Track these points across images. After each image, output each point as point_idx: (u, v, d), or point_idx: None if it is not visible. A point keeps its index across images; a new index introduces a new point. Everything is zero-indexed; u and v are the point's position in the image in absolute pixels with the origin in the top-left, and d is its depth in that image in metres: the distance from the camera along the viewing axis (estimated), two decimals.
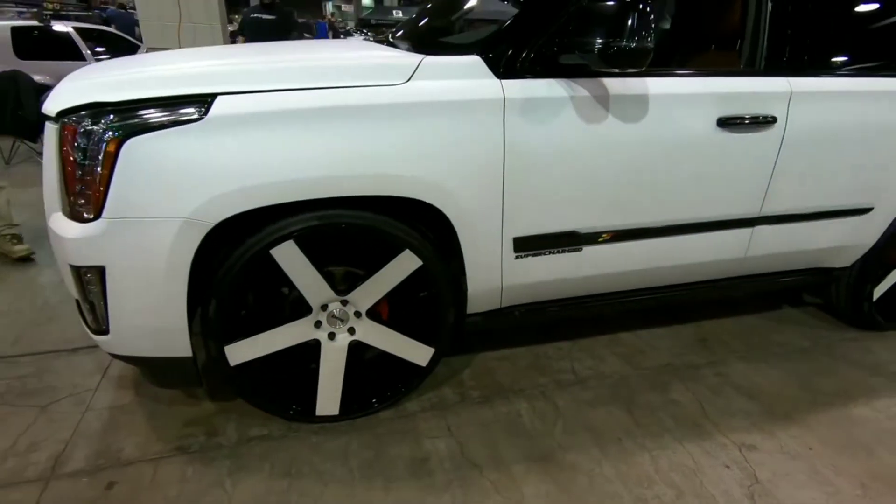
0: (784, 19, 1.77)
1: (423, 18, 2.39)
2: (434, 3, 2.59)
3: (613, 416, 1.85)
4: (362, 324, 1.65)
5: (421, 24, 2.31)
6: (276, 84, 1.35)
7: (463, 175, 1.49)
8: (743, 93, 1.72)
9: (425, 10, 2.49)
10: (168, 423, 1.71)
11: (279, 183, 1.34)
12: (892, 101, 1.91)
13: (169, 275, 1.36)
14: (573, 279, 1.81)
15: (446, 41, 1.84)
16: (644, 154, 1.66)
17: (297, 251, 1.44)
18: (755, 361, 2.23)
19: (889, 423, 1.90)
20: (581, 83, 1.55)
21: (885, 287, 2.37)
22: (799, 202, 1.95)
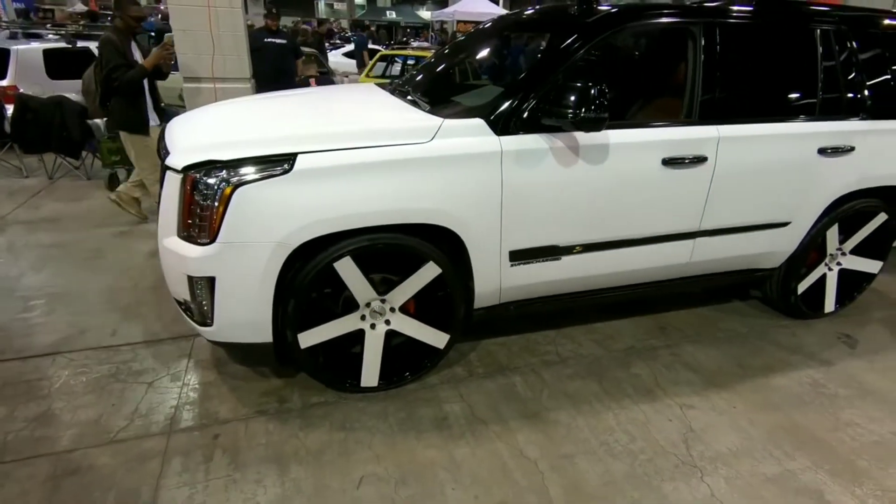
0: (712, 81, 2.31)
1: (434, 76, 2.93)
2: (442, 62, 3.11)
3: (587, 386, 2.40)
4: (396, 317, 2.19)
5: (433, 83, 2.86)
6: (340, 144, 1.88)
7: (471, 206, 2.03)
8: (681, 139, 2.27)
9: (435, 69, 3.02)
10: (247, 394, 2.24)
11: (342, 217, 1.87)
12: (797, 141, 2.47)
13: (262, 282, 1.89)
14: (554, 281, 2.36)
15: (457, 101, 2.36)
16: (606, 187, 2.21)
17: (352, 264, 1.98)
18: (703, 344, 2.79)
19: (798, 389, 2.47)
20: (558, 137, 2.09)
21: (807, 283, 2.94)
22: (729, 219, 2.51)
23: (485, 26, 3.12)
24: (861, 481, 1.96)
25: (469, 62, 3.06)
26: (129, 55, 3.55)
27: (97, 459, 1.88)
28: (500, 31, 2.97)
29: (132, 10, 3.56)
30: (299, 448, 1.97)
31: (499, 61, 2.85)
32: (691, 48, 2.31)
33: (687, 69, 2.33)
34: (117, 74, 3.42)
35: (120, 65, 3.42)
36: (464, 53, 3.12)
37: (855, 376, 2.58)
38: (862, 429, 2.23)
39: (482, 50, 3.05)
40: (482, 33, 3.10)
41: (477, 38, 3.10)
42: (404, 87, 2.77)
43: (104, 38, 3.52)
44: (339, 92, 2.87)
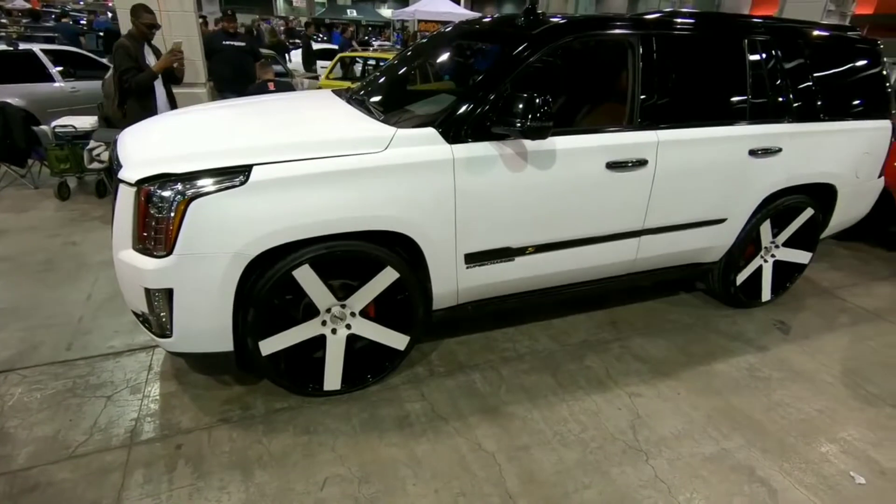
0: (650, 89, 2.46)
1: (389, 84, 3.00)
2: (396, 70, 3.17)
3: (543, 380, 2.52)
4: (356, 321, 2.25)
5: (388, 91, 2.92)
6: (295, 155, 1.92)
7: (426, 213, 2.11)
8: (623, 144, 2.41)
9: (390, 76, 3.09)
10: (210, 403, 2.26)
11: (298, 226, 1.92)
12: (730, 144, 2.65)
13: (221, 292, 1.92)
14: (509, 281, 2.47)
15: (410, 110, 2.43)
16: (555, 190, 2.32)
17: (311, 272, 2.03)
18: (651, 336, 2.96)
19: (736, 374, 2.66)
20: (508, 144, 2.19)
21: (745, 275, 3.16)
22: (670, 218, 2.67)
23: (439, 34, 3.20)
24: (788, 456, 2.14)
25: (423, 70, 3.14)
26: (142, 60, 3.77)
27: (56, 475, 1.87)
28: (453, 39, 3.06)
29: (146, 17, 3.81)
30: (263, 453, 2.01)
31: (451, 69, 2.93)
32: (631, 58, 2.45)
33: (627, 78, 2.47)
34: (127, 77, 3.66)
35: (130, 68, 3.66)
36: (418, 61, 3.19)
37: (786, 360, 2.80)
38: (791, 408, 2.43)
39: (436, 58, 3.13)
40: (436, 41, 3.19)
41: (431, 45, 3.18)
42: (359, 94, 2.82)
43: (118, 43, 3.77)
44: (294, 100, 2.89)
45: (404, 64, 3.18)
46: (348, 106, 2.57)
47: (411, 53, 3.22)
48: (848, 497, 1.97)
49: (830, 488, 2.00)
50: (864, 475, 2.07)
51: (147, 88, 3.77)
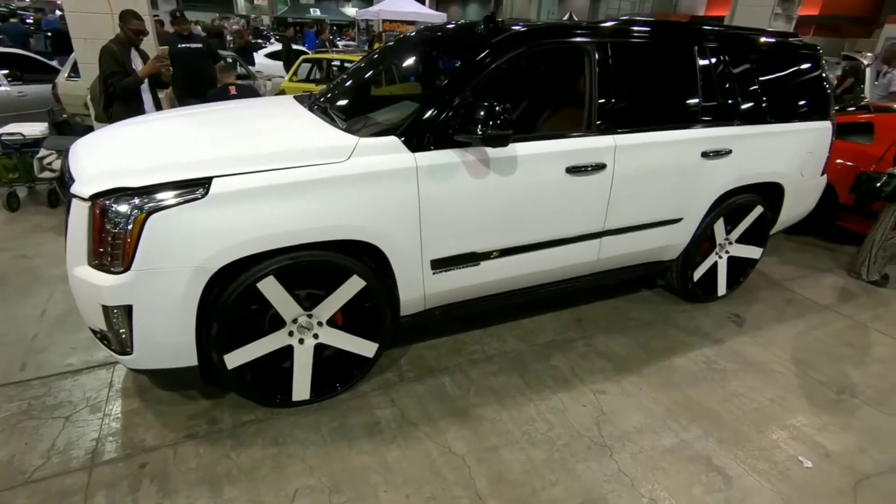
0: (607, 95, 2.54)
1: (352, 90, 2.99)
2: (359, 76, 3.16)
3: (511, 381, 2.58)
4: (324, 330, 2.25)
5: (351, 98, 2.92)
6: (257, 166, 1.91)
7: (391, 221, 2.13)
8: (582, 149, 2.48)
9: (353, 83, 3.08)
10: (175, 419, 2.21)
11: (261, 238, 1.91)
12: (683, 147, 2.76)
13: (183, 307, 1.89)
14: (475, 285, 2.51)
15: (373, 118, 2.44)
16: (517, 196, 2.37)
17: (276, 283, 2.01)
18: (614, 333, 3.05)
19: (694, 367, 2.77)
20: (470, 151, 2.23)
21: (701, 271, 3.29)
22: (630, 219, 2.77)
23: (401, 40, 3.22)
24: (742, 444, 2.26)
25: (385, 76, 3.14)
26: (128, 65, 3.79)
27: (12, 502, 1.80)
28: (415, 45, 3.08)
29: (134, 24, 3.84)
30: (232, 468, 1.99)
31: (414, 76, 2.95)
32: (588, 65, 2.52)
33: (585, 84, 2.54)
34: (113, 81, 3.68)
35: (115, 72, 3.67)
36: (380, 67, 3.19)
37: (741, 352, 2.93)
38: (745, 398, 2.56)
39: (398, 64, 3.14)
40: (398, 47, 3.20)
41: (393, 51, 3.19)
42: (322, 101, 2.81)
43: (104, 47, 3.75)
44: (254, 108, 2.85)
45: (366, 70, 3.18)
46: (310, 114, 2.56)
47: (373, 59, 3.22)
48: (796, 480, 2.09)
49: (781, 473, 2.12)
50: (811, 459, 2.19)
51: (133, 93, 3.81)
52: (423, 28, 3.26)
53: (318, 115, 2.53)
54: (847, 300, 3.64)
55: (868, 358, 2.98)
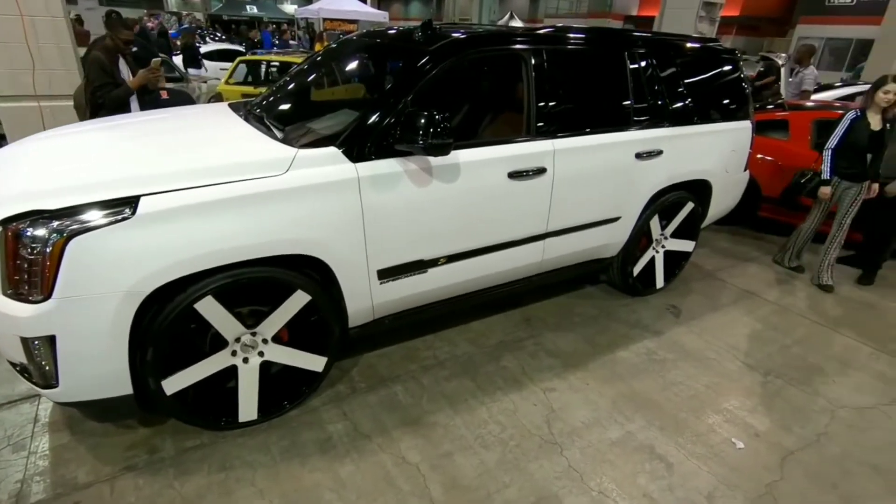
0: (545, 100, 2.61)
1: (289, 98, 2.92)
2: (297, 82, 3.09)
3: (463, 385, 2.60)
4: (269, 347, 2.18)
5: (288, 105, 2.84)
6: (189, 183, 1.82)
7: (334, 233, 2.09)
8: (523, 154, 2.53)
9: (291, 89, 3.00)
10: (111, 451, 2.09)
11: (197, 257, 1.82)
12: (618, 149, 2.88)
13: (113, 334, 1.78)
14: (424, 292, 2.51)
15: (312, 128, 2.38)
16: (461, 202, 2.39)
17: (215, 303, 1.94)
18: (561, 330, 3.14)
19: (636, 359, 2.90)
20: (412, 160, 2.23)
21: (640, 266, 3.45)
22: (571, 220, 2.86)
23: (339, 46, 3.16)
24: (682, 431, 2.39)
25: (323, 83, 3.08)
26: (117, 74, 3.67)
27: None
28: (353, 52, 3.03)
29: (123, 33, 3.73)
30: (175, 498, 1.90)
31: (352, 83, 2.91)
32: (525, 71, 2.58)
33: (523, 90, 2.59)
34: (102, 92, 3.55)
35: (105, 83, 3.55)
36: (318, 73, 3.13)
37: (678, 341, 3.10)
38: (683, 386, 2.70)
39: (336, 71, 3.08)
40: (335, 53, 3.14)
41: (330, 57, 3.13)
42: (257, 109, 2.72)
43: (92, 56, 3.61)
44: (185, 118, 2.71)
45: (303, 77, 3.11)
46: (245, 124, 2.47)
47: (310, 66, 3.15)
48: (730, 461, 2.23)
49: (716, 455, 2.26)
50: (742, 440, 2.35)
51: (123, 104, 3.68)
52: (360, 34, 3.21)
53: (253, 124, 2.45)
54: (771, 287, 3.92)
55: (789, 340, 3.22)
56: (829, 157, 3.72)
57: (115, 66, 3.67)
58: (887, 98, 3.49)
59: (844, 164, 3.70)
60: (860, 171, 3.67)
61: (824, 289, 3.92)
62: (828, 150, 3.72)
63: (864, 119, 3.60)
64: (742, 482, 2.13)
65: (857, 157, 3.64)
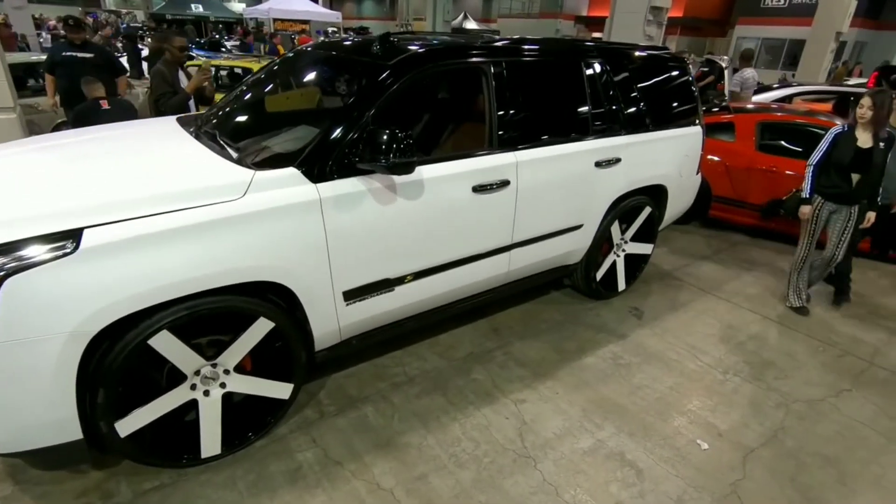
0: (506, 114, 2.61)
1: (244, 113, 2.80)
2: (251, 95, 2.97)
3: (434, 401, 2.57)
4: (231, 378, 2.09)
5: (243, 122, 2.73)
6: (137, 212, 1.71)
7: (296, 257, 2.02)
8: (486, 167, 2.52)
9: (245, 104, 2.88)
10: (60, 499, 1.94)
11: (149, 291, 1.71)
12: (579, 158, 2.92)
13: (58, 378, 1.65)
14: (391, 310, 2.47)
15: (269, 147, 2.29)
16: (425, 218, 2.36)
17: (171, 337, 1.83)
18: (529, 338, 3.17)
19: (603, 365, 2.95)
20: (375, 178, 2.18)
21: (603, 270, 3.51)
22: (535, 230, 2.88)
23: (294, 57, 3.06)
24: (649, 435, 2.44)
25: (280, 97, 2.97)
26: (177, 83, 4.08)
27: None
28: (309, 65, 2.94)
29: (177, 41, 4.22)
30: None
31: (311, 97, 2.82)
32: (486, 84, 2.57)
33: (485, 103, 2.59)
34: (163, 100, 3.95)
35: (165, 91, 3.97)
36: (274, 86, 3.01)
37: (642, 344, 3.18)
38: (648, 389, 2.77)
39: (291, 85, 2.98)
40: (293, 64, 3.04)
41: (285, 70, 3.02)
42: (209, 126, 2.60)
43: (154, 70, 4.11)
44: (131, 137, 2.55)
45: (257, 90, 2.99)
46: (196, 142, 2.35)
47: (263, 78, 3.03)
48: (696, 463, 2.30)
49: (683, 458, 2.32)
50: (707, 440, 2.43)
51: (182, 109, 3.97)
52: (317, 44, 3.12)
53: (205, 142, 2.34)
54: (724, 284, 4.08)
55: (743, 336, 3.36)
56: (809, 174, 3.40)
57: (175, 76, 4.09)
58: (861, 113, 3.18)
59: (826, 182, 3.36)
60: (845, 192, 3.31)
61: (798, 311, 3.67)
62: (809, 167, 3.40)
63: (849, 134, 3.26)
64: (708, 483, 2.20)
65: (840, 176, 3.29)
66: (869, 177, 3.26)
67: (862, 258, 4.48)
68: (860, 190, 3.31)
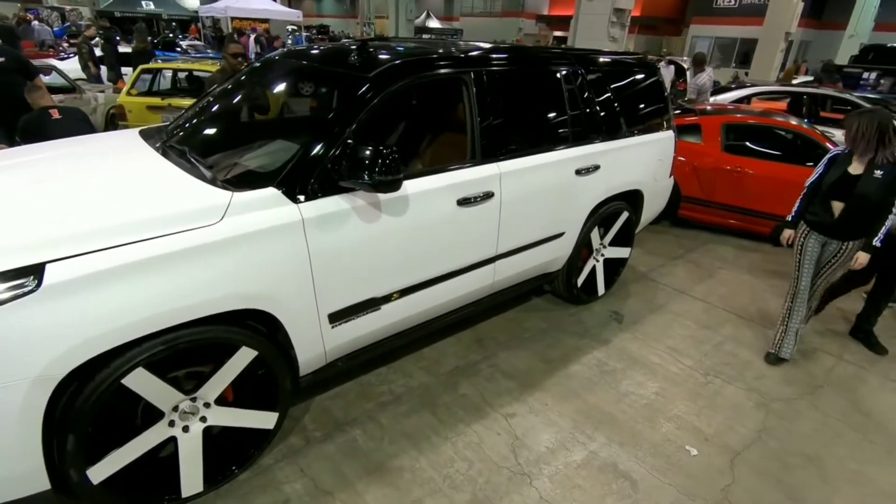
0: (489, 124, 2.57)
1: (213, 126, 2.66)
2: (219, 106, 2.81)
3: (423, 420, 2.51)
4: (212, 411, 1.97)
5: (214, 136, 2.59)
6: (103, 242, 1.58)
7: (280, 281, 1.92)
8: (470, 180, 2.47)
9: (214, 116, 2.73)
10: None
11: (122, 328, 1.59)
12: (560, 167, 2.91)
13: (21, 427, 1.51)
14: (378, 329, 2.39)
15: (245, 164, 2.17)
16: (411, 234, 2.30)
17: (146, 374, 1.70)
18: (513, 348, 3.14)
19: (589, 372, 2.96)
20: (359, 195, 2.09)
21: (583, 276, 3.53)
22: (519, 240, 2.85)
23: (264, 65, 2.93)
24: (639, 443, 2.46)
25: (252, 110, 2.83)
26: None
27: None
28: (284, 74, 2.82)
29: (231, 48, 4.52)
30: None
31: (287, 110, 2.70)
32: (467, 94, 2.52)
33: (466, 113, 2.53)
34: None
35: None
36: (245, 98, 2.87)
37: (625, 349, 3.21)
38: (635, 395, 2.79)
39: (266, 95, 2.85)
40: (263, 74, 2.90)
41: (258, 79, 2.88)
42: (177, 141, 2.45)
43: (210, 77, 4.47)
44: (90, 155, 2.36)
45: (227, 101, 2.85)
46: (163, 160, 2.21)
47: (232, 88, 2.89)
48: (687, 470, 2.33)
49: (674, 466, 2.34)
50: (695, 446, 2.46)
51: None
52: (288, 52, 3.00)
53: (174, 160, 2.20)
54: (697, 284, 4.17)
55: (720, 336, 3.44)
56: (801, 196, 3.03)
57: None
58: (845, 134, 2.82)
59: (810, 207, 2.97)
60: (822, 221, 2.88)
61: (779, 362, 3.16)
62: (805, 188, 3.02)
63: (846, 158, 2.82)
64: (700, 490, 2.22)
65: (821, 202, 2.89)
66: (857, 208, 2.77)
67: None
68: (844, 222, 2.81)
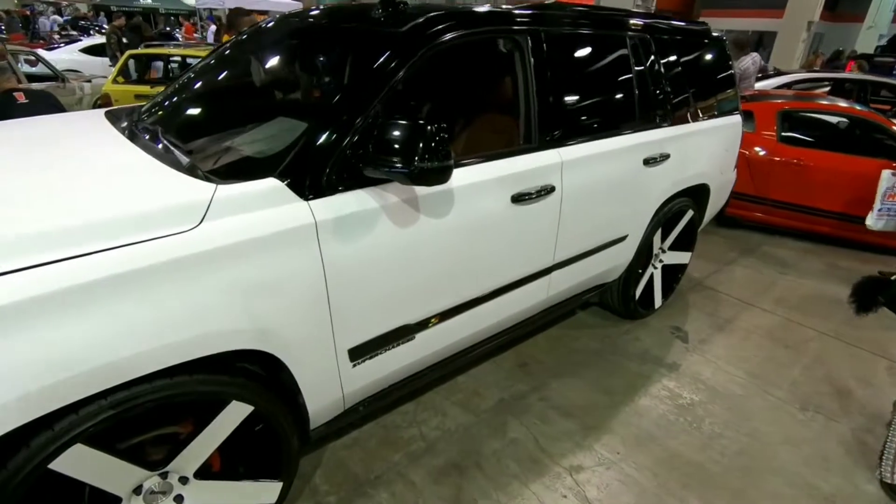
0: (549, 101, 2.02)
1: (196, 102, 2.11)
2: (206, 78, 2.26)
3: (466, 477, 1.97)
4: (191, 488, 1.43)
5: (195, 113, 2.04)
6: (22, 260, 1.04)
7: (284, 309, 1.38)
8: (527, 170, 1.92)
9: (197, 89, 2.18)
10: None
11: (45, 389, 1.05)
12: (627, 155, 2.36)
13: None
14: (411, 363, 1.85)
15: (234, 147, 1.62)
16: (455, 241, 1.75)
17: (87, 451, 1.16)
18: (565, 375, 2.59)
19: (662, 407, 2.41)
20: (390, 189, 1.55)
21: (641, 287, 2.98)
22: (579, 247, 2.31)
23: (259, 30, 2.37)
24: None
25: (243, 82, 2.25)
26: None
27: None
28: (283, 38, 2.25)
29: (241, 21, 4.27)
30: None
31: (291, 80, 2.14)
32: (523, 62, 1.96)
33: (522, 87, 1.98)
34: None
35: None
36: (233, 69, 2.30)
37: (697, 375, 2.66)
38: (724, 439, 2.25)
39: (260, 65, 2.27)
40: (257, 40, 2.33)
41: (249, 47, 2.31)
42: (147, 120, 1.90)
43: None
44: (39, 138, 1.82)
45: (212, 75, 2.29)
46: (129, 143, 1.66)
47: (221, 59, 2.33)
48: None
49: None
50: None
51: None
52: (290, 13, 2.43)
53: (141, 143, 1.65)
54: (764, 293, 3.61)
55: (806, 359, 2.89)
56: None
57: None
58: None
59: None
60: None
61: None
62: None
63: None
64: None
65: None
66: None
67: None
68: None
